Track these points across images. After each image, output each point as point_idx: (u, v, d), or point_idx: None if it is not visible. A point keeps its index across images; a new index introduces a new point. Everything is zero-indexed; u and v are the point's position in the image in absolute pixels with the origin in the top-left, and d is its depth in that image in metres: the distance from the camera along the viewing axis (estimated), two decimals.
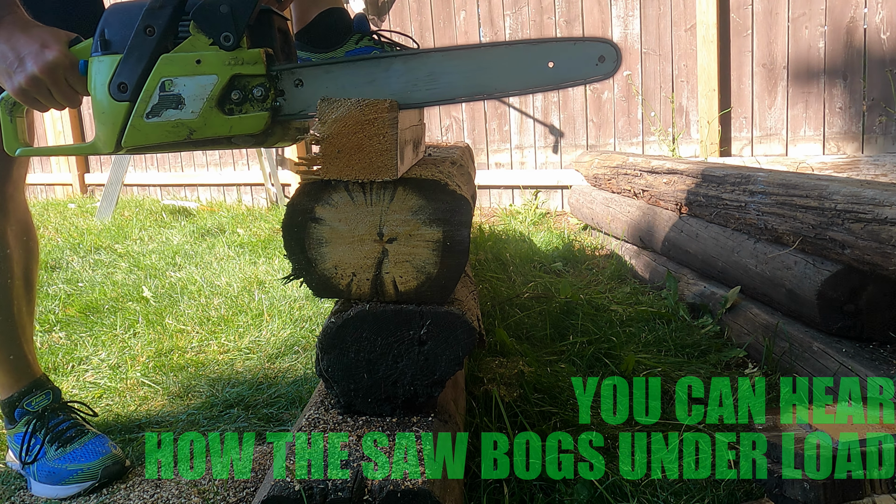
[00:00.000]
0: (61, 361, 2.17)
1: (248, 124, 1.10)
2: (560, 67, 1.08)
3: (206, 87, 1.08)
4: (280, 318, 2.45)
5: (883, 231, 1.45)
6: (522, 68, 1.08)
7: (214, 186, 6.03)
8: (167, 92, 1.09)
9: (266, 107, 1.10)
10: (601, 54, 1.07)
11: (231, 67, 1.08)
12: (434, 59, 1.08)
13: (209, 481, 1.44)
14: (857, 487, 1.15)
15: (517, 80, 1.09)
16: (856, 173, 3.35)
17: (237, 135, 1.11)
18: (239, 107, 1.10)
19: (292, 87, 1.11)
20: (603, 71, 1.07)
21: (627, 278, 2.82)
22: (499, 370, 1.76)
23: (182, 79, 1.08)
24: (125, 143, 1.11)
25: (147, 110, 1.09)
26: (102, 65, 1.10)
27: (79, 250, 3.88)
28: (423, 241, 1.10)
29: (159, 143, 1.11)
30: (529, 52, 1.08)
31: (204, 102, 1.09)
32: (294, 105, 1.11)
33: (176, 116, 1.09)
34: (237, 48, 1.08)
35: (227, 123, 1.10)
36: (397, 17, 4.91)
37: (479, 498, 1.22)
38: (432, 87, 1.09)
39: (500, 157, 4.70)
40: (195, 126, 1.10)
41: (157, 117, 1.10)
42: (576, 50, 1.07)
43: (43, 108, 1.18)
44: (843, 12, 3.47)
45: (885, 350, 1.60)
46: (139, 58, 1.08)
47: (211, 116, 1.09)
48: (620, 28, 4.16)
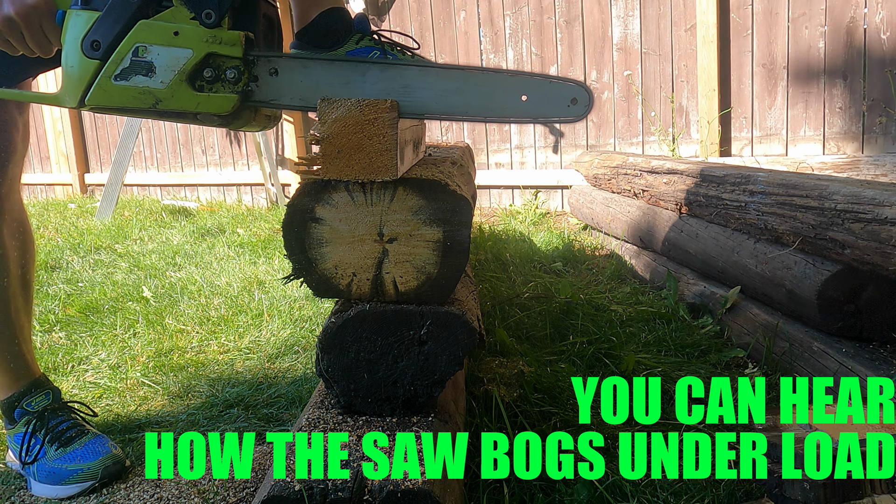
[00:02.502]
0: (61, 361, 2.17)
1: (215, 104, 1.10)
2: (532, 102, 1.08)
3: (179, 59, 1.08)
4: (280, 318, 2.45)
5: (883, 231, 1.45)
6: (496, 97, 1.09)
7: (214, 186, 6.03)
8: (139, 58, 1.08)
9: (237, 90, 1.10)
10: (574, 96, 1.08)
11: (208, 45, 1.08)
12: (411, 73, 1.08)
13: (209, 481, 1.44)
14: (857, 487, 1.15)
15: (490, 107, 1.09)
16: (856, 173, 3.35)
17: (203, 112, 1.11)
18: (210, 85, 1.09)
19: (266, 75, 1.10)
20: (574, 113, 1.08)
21: (627, 278, 2.82)
22: (499, 370, 1.76)
23: (157, 47, 1.08)
24: (89, 101, 1.11)
25: (116, 72, 1.09)
26: (79, 19, 1.10)
27: (79, 250, 3.88)
28: (423, 241, 1.10)
29: (123, 106, 1.11)
30: (505, 83, 1.09)
31: (175, 75, 1.08)
32: (266, 93, 1.11)
33: (144, 83, 1.09)
34: (217, 27, 1.07)
35: (194, 99, 1.10)
36: (397, 17, 4.92)
37: (479, 498, 1.22)
38: (405, 99, 1.09)
39: (500, 157, 4.70)
40: (162, 96, 1.09)
41: (125, 81, 1.09)
42: (550, 88, 1.08)
43: (13, 49, 1.17)
44: (843, 12, 3.47)
45: (885, 350, 1.60)
46: (117, 19, 1.08)
47: (179, 90, 1.09)
48: (620, 28, 4.16)
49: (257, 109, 1.16)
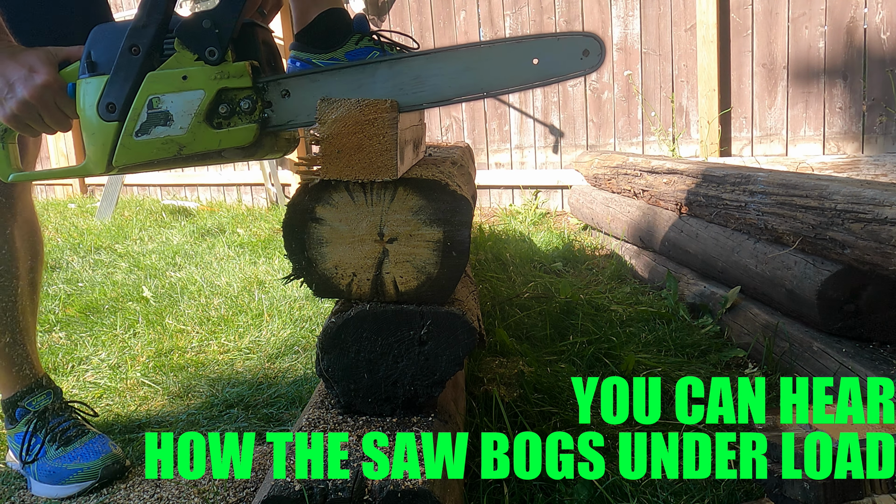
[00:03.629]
0: (61, 361, 2.17)
1: (236, 137, 1.11)
2: (545, 63, 1.07)
3: (193, 102, 1.09)
4: (280, 318, 2.45)
5: (883, 231, 1.45)
6: (507, 66, 1.08)
7: (214, 186, 6.03)
8: (155, 109, 1.09)
9: (254, 119, 1.10)
10: (585, 48, 1.07)
11: (217, 81, 1.08)
12: (419, 63, 1.08)
13: (209, 481, 1.44)
14: (857, 487, 1.15)
15: (503, 78, 1.09)
16: (856, 173, 3.35)
17: (227, 148, 1.12)
18: (227, 120, 1.10)
19: (279, 98, 1.11)
20: (588, 64, 1.07)
21: (627, 278, 2.82)
22: (499, 370, 1.76)
23: (169, 95, 1.09)
24: (116, 163, 1.12)
25: (136, 129, 1.10)
26: (90, 86, 1.11)
27: (79, 250, 3.88)
28: (423, 241, 1.11)
29: (150, 160, 1.11)
30: (513, 50, 1.08)
31: (192, 118, 1.09)
32: (282, 116, 1.12)
33: (165, 133, 1.10)
34: (222, 62, 1.08)
35: (216, 137, 1.10)
36: (397, 17, 4.92)
37: (479, 498, 1.22)
38: (419, 90, 1.09)
39: (500, 157, 4.70)
40: (185, 142, 1.10)
41: (146, 135, 1.10)
42: (559, 45, 1.07)
43: (34, 133, 1.19)
44: (843, 12, 3.47)
45: (885, 350, 1.60)
46: (126, 77, 1.09)
47: (200, 131, 1.10)
48: (620, 28, 4.16)
49: (277, 134, 1.17)
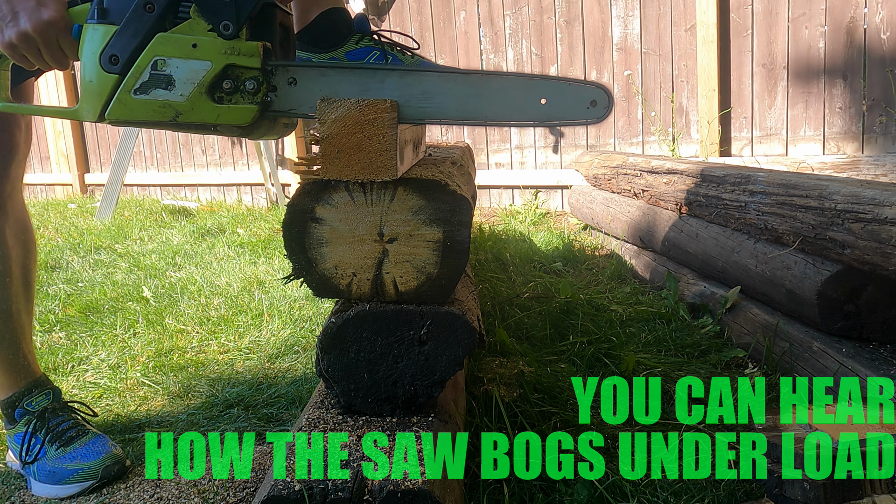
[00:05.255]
0: (61, 361, 2.17)
1: (235, 115, 1.10)
2: (552, 105, 1.08)
3: (198, 72, 1.08)
4: (280, 318, 2.45)
5: (883, 231, 1.45)
6: (515, 101, 1.08)
7: (214, 186, 6.03)
8: (158, 71, 1.08)
9: (256, 101, 1.09)
10: (593, 98, 1.07)
11: (227, 56, 1.07)
12: (430, 79, 1.08)
13: (209, 481, 1.44)
14: (857, 487, 1.15)
15: (509, 111, 1.09)
16: (856, 173, 3.35)
17: (222, 123, 1.11)
18: (229, 97, 1.09)
19: (285, 85, 1.10)
20: (594, 115, 1.08)
21: (627, 278, 2.82)
22: (499, 370, 1.76)
23: (175, 60, 1.08)
24: (109, 116, 1.10)
25: (136, 86, 1.09)
26: (96, 33, 1.09)
27: (79, 250, 3.88)
28: (423, 241, 1.10)
29: (143, 120, 1.10)
30: (524, 87, 1.08)
31: (194, 87, 1.08)
32: (285, 102, 1.11)
33: (164, 97, 1.09)
34: (235, 38, 1.07)
35: (214, 111, 1.09)
36: (397, 17, 4.91)
37: (479, 498, 1.22)
38: (425, 106, 1.08)
39: (500, 157, 4.70)
40: (182, 109, 1.09)
41: (144, 95, 1.09)
42: (569, 91, 1.08)
43: (30, 65, 1.16)
44: (843, 12, 3.47)
45: (885, 350, 1.60)
46: (135, 32, 1.07)
47: (199, 102, 1.09)
48: (620, 28, 4.16)
49: (275, 118, 1.16)
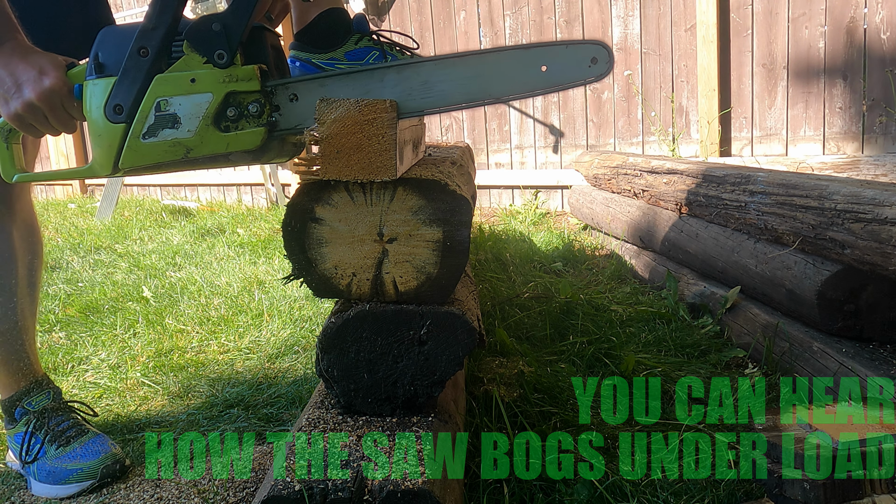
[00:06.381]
0: (61, 361, 2.17)
1: (244, 141, 1.11)
2: (553, 71, 1.08)
3: (201, 105, 1.09)
4: (280, 318, 2.45)
5: (883, 231, 1.45)
6: (516, 73, 1.08)
7: (214, 186, 6.03)
8: (163, 112, 1.09)
9: (262, 122, 1.10)
10: (593, 56, 1.07)
11: (226, 85, 1.08)
12: (427, 68, 1.08)
13: (209, 481, 1.44)
14: (857, 487, 1.15)
15: (511, 85, 1.09)
16: (856, 173, 3.34)
17: (234, 151, 1.12)
18: (235, 123, 1.10)
19: (287, 102, 1.11)
20: (596, 72, 1.08)
21: (627, 278, 2.82)
22: (499, 370, 1.75)
23: (177, 98, 1.08)
24: (122, 165, 1.11)
25: (143, 131, 1.10)
26: (97, 87, 1.11)
27: (79, 250, 3.88)
28: (423, 241, 1.11)
29: (157, 162, 1.11)
30: (522, 57, 1.08)
31: (200, 121, 1.09)
32: (290, 119, 1.12)
33: (172, 136, 1.10)
34: (231, 65, 1.08)
35: (223, 140, 1.10)
36: (397, 17, 4.91)
37: (479, 498, 1.22)
38: (427, 96, 1.09)
39: (500, 157, 4.70)
40: (192, 144, 1.10)
41: (153, 137, 1.10)
42: (568, 53, 1.08)
43: (39, 134, 1.19)
44: (843, 12, 3.47)
45: (885, 350, 1.60)
46: (134, 79, 1.09)
47: (207, 134, 1.10)
48: (620, 28, 4.16)
49: (284, 138, 1.17)
